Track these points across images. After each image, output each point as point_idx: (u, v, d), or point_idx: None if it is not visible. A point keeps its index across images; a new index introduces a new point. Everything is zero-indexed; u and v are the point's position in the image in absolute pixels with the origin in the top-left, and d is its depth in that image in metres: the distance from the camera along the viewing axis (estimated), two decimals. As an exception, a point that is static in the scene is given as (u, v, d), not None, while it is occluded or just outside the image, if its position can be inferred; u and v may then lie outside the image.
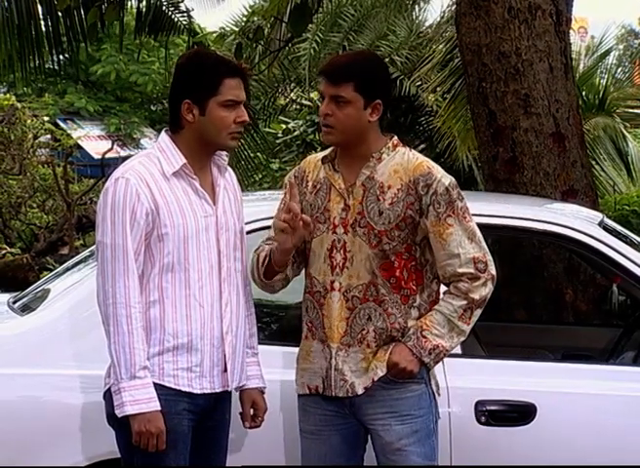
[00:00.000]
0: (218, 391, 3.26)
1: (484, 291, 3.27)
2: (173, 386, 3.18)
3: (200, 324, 3.21)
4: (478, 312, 3.30)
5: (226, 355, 3.26)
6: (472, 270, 3.25)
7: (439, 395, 3.40)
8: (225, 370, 3.27)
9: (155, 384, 3.14)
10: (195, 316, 3.20)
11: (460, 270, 3.26)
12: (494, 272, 3.30)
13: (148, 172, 3.20)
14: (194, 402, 3.22)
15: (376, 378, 3.28)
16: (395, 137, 3.38)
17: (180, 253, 3.18)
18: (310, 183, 3.43)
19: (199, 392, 3.22)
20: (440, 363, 3.36)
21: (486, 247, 3.32)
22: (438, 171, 3.29)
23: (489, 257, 3.29)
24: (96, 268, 3.23)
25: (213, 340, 3.23)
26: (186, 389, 3.20)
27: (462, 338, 3.31)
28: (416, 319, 3.29)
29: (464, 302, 3.26)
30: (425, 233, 3.29)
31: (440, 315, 3.26)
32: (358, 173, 3.32)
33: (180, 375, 3.20)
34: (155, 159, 3.24)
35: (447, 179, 3.28)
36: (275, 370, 3.64)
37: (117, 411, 3.10)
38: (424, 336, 3.24)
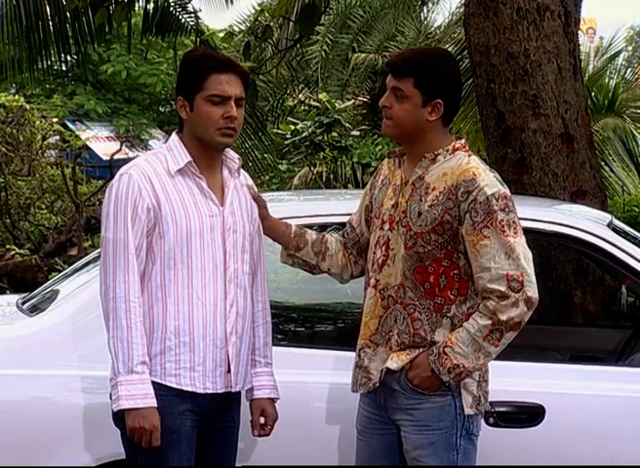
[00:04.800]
0: (220, 392, 3.25)
1: (513, 312, 3.08)
2: (175, 386, 3.18)
3: (202, 323, 3.20)
4: (510, 335, 3.14)
5: (230, 356, 3.25)
6: (503, 288, 3.08)
7: (479, 412, 3.27)
8: (229, 371, 3.26)
9: (158, 384, 3.14)
10: (197, 315, 3.19)
11: (490, 286, 3.11)
12: (531, 294, 3.09)
13: (153, 168, 3.20)
14: (197, 402, 3.21)
15: (383, 366, 3.25)
16: (461, 141, 3.28)
17: (182, 251, 3.18)
18: (381, 178, 3.43)
19: (202, 392, 3.21)
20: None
21: (528, 267, 3.11)
22: (484, 179, 3.14)
23: (528, 278, 3.10)
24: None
25: (216, 340, 3.22)
26: (189, 389, 3.19)
27: (489, 360, 3.20)
28: (447, 329, 3.20)
29: (489, 322, 3.10)
30: None
31: (466, 333, 3.13)
32: (413, 171, 3.28)
33: (182, 375, 3.19)
34: (162, 157, 3.25)
35: (492, 189, 3.13)
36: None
37: (113, 406, 3.11)
38: (446, 354, 3.14)
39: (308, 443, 3.76)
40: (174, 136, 3.31)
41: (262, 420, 3.41)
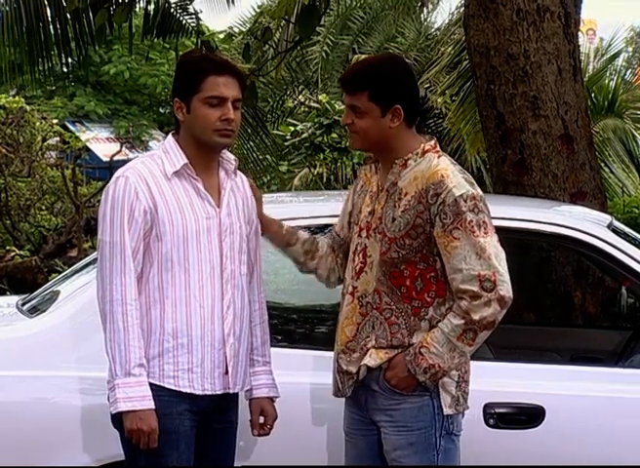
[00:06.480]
0: (218, 393, 3.26)
1: (486, 311, 3.09)
2: (173, 388, 3.19)
3: (200, 324, 3.21)
4: (484, 334, 3.15)
5: (227, 357, 3.25)
6: (475, 288, 3.09)
7: (458, 412, 3.27)
8: (227, 373, 3.26)
9: (156, 386, 3.15)
10: (195, 316, 3.20)
11: (463, 286, 3.12)
12: (504, 293, 3.10)
13: (149, 171, 3.21)
14: (196, 402, 3.22)
15: (361, 363, 3.26)
16: (430, 143, 3.28)
17: (179, 253, 3.18)
18: (360, 184, 3.45)
19: (200, 393, 3.22)
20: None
21: (500, 266, 3.11)
22: (452, 180, 3.14)
23: (500, 277, 3.10)
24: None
25: (214, 342, 3.23)
26: (187, 390, 3.20)
27: (464, 359, 3.21)
28: (426, 332, 3.20)
29: (462, 322, 3.12)
30: None
31: (440, 333, 3.15)
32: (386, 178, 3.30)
33: (180, 377, 3.20)
34: (158, 159, 3.25)
35: (459, 190, 3.12)
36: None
37: (111, 408, 3.13)
38: (421, 354, 3.15)
39: (314, 443, 3.78)
40: (169, 137, 3.32)
41: (262, 420, 3.41)
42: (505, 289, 3.13)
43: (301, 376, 3.75)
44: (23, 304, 4.34)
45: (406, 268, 3.22)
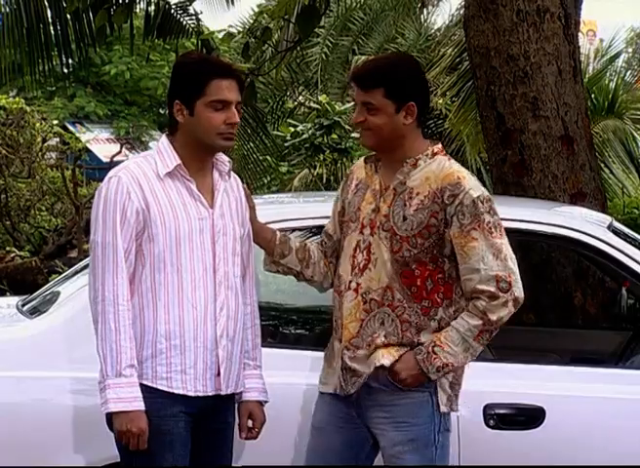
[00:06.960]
0: (210, 394, 3.24)
1: (502, 312, 3.16)
2: (166, 389, 3.18)
3: (193, 326, 3.20)
4: (494, 333, 3.21)
5: (220, 358, 3.24)
6: (492, 289, 3.14)
7: (452, 411, 3.30)
8: (219, 374, 3.25)
9: (149, 387, 3.15)
10: (188, 318, 3.19)
11: (480, 287, 3.16)
12: (518, 294, 3.17)
13: (142, 171, 3.20)
14: (190, 404, 3.21)
15: (377, 364, 3.25)
16: (438, 145, 3.32)
17: (172, 254, 3.18)
18: (354, 183, 3.45)
19: (193, 395, 3.21)
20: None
21: (514, 267, 3.19)
22: (468, 182, 3.20)
23: (515, 278, 3.17)
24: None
25: (206, 343, 3.22)
26: (180, 392, 3.19)
27: (473, 357, 3.24)
28: (433, 332, 3.22)
29: (480, 322, 3.16)
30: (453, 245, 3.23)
31: (455, 332, 3.18)
32: (394, 177, 3.30)
33: (173, 378, 3.19)
34: (152, 160, 3.25)
35: (476, 192, 3.18)
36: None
37: (102, 409, 3.12)
38: (435, 353, 3.17)
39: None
40: (164, 138, 3.31)
41: (250, 423, 3.40)
42: (519, 290, 3.19)
43: (304, 377, 3.75)
44: (24, 305, 4.34)
45: (417, 268, 3.23)
